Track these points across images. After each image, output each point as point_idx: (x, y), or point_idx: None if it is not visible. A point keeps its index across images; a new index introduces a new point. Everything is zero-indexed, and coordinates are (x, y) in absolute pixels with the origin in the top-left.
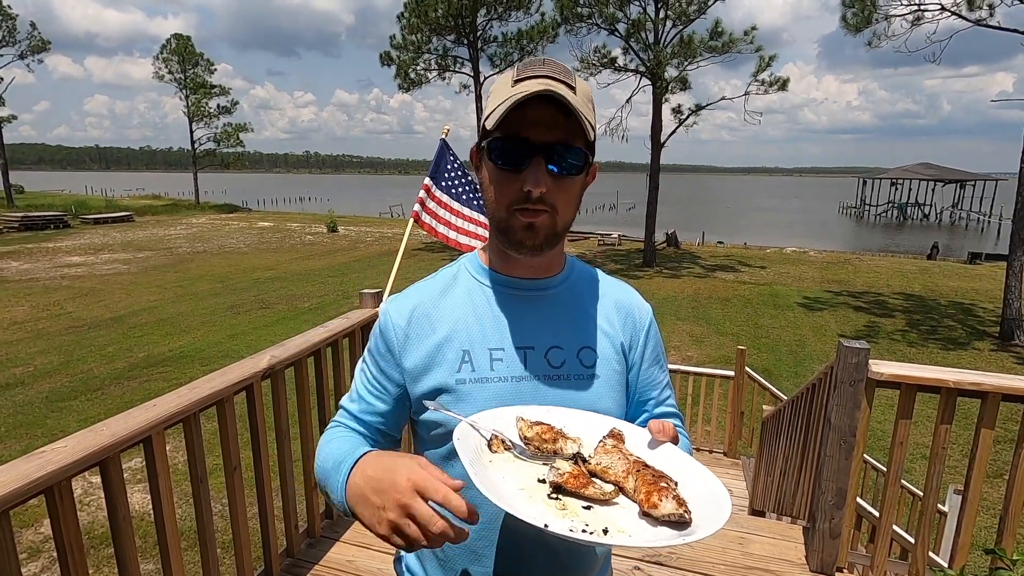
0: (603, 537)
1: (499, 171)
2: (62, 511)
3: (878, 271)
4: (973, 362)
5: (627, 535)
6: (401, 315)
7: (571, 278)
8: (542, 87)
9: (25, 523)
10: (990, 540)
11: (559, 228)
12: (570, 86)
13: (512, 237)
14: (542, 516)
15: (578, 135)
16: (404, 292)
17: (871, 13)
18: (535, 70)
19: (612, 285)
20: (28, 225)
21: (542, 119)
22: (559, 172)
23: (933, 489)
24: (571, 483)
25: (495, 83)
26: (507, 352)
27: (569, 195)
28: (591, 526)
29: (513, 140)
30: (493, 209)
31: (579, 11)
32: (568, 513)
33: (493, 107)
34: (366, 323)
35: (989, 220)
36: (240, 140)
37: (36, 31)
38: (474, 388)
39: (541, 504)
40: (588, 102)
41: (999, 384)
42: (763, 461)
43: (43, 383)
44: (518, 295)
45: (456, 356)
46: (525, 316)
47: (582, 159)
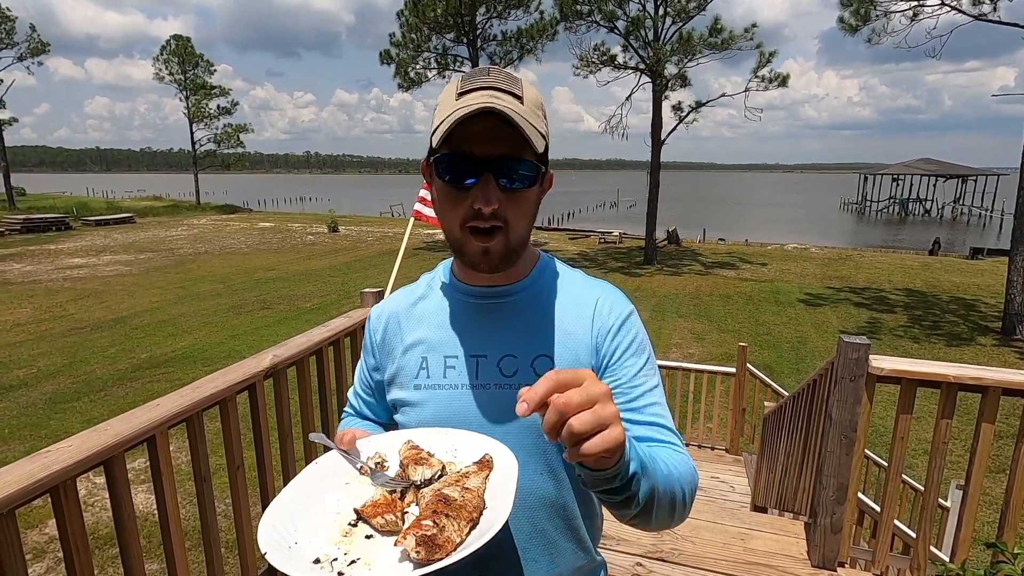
0: (337, 568)
1: (449, 188)
2: (67, 511)
3: (880, 267)
4: (975, 357)
5: (366, 569)
6: (379, 320)
7: (536, 284)
8: (484, 102)
9: (30, 524)
10: (992, 534)
11: (513, 244)
12: (516, 96)
13: (467, 259)
14: (309, 551)
15: (527, 146)
16: (386, 297)
17: (869, 11)
18: (479, 81)
19: (583, 287)
20: (30, 227)
21: (488, 133)
22: (510, 186)
23: (934, 484)
24: (368, 511)
25: (441, 94)
26: (460, 360)
27: (522, 208)
28: (342, 560)
29: (460, 156)
30: (446, 227)
31: (578, 8)
32: (343, 542)
33: (438, 122)
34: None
35: (991, 215)
36: (240, 141)
37: (35, 33)
38: (428, 395)
39: (336, 531)
40: (537, 110)
41: (999, 378)
42: (765, 457)
43: (46, 385)
44: (476, 303)
45: (416, 363)
46: (482, 324)
47: (533, 171)
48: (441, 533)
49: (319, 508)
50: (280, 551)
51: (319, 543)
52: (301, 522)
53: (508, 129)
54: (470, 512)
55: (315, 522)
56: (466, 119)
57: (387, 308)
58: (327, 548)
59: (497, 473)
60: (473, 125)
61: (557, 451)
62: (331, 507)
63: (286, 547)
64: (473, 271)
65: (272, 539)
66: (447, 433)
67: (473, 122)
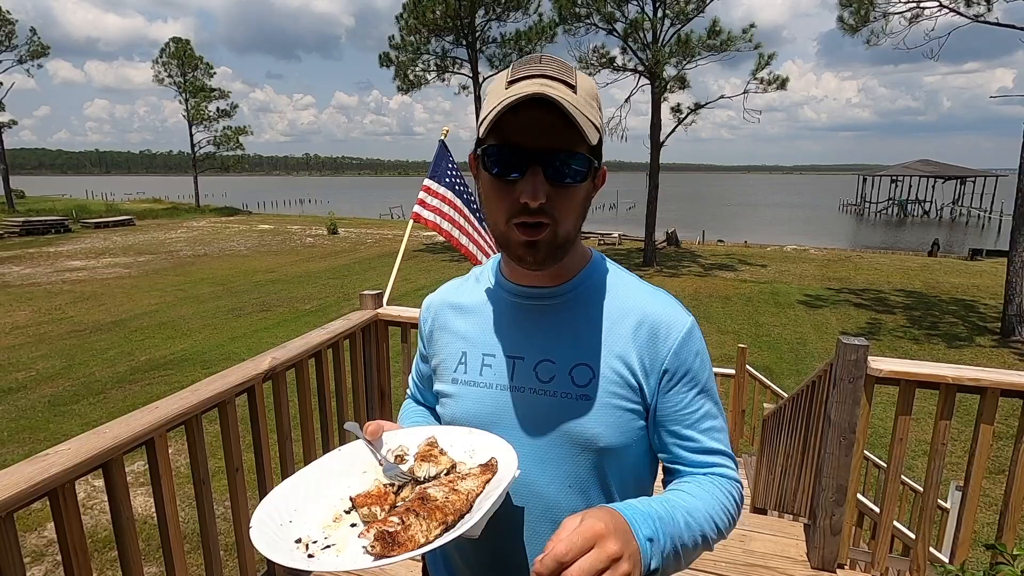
0: (310, 551)
1: (495, 181)
2: (66, 514)
3: (879, 268)
4: (975, 358)
5: (335, 554)
6: (429, 311)
7: (582, 287)
8: (535, 89)
9: (29, 527)
10: (992, 536)
11: (561, 240)
12: (570, 84)
13: (512, 253)
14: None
15: (580, 138)
16: (440, 288)
17: (868, 12)
18: (530, 69)
19: (636, 294)
20: (29, 230)
21: (537, 124)
22: (559, 181)
23: (933, 485)
24: (359, 501)
25: (491, 83)
26: (497, 359)
27: (571, 204)
28: (320, 543)
29: (508, 148)
30: (492, 221)
31: (577, 11)
32: (331, 527)
33: (487, 111)
34: (366, 324)
35: (990, 216)
36: (240, 143)
37: (36, 36)
38: (463, 390)
39: (329, 516)
40: (592, 100)
41: (998, 379)
42: (764, 459)
43: (45, 387)
44: (520, 303)
45: (456, 357)
46: (523, 325)
47: (585, 165)
48: (405, 531)
49: (329, 492)
50: (265, 529)
51: (309, 525)
52: (304, 504)
53: (559, 119)
54: (445, 514)
55: (319, 505)
56: (516, 108)
57: (436, 300)
58: (313, 531)
59: (494, 480)
60: (522, 115)
61: (589, 466)
62: (339, 493)
63: (277, 525)
64: (519, 267)
65: (264, 516)
66: (471, 433)
67: (522, 111)
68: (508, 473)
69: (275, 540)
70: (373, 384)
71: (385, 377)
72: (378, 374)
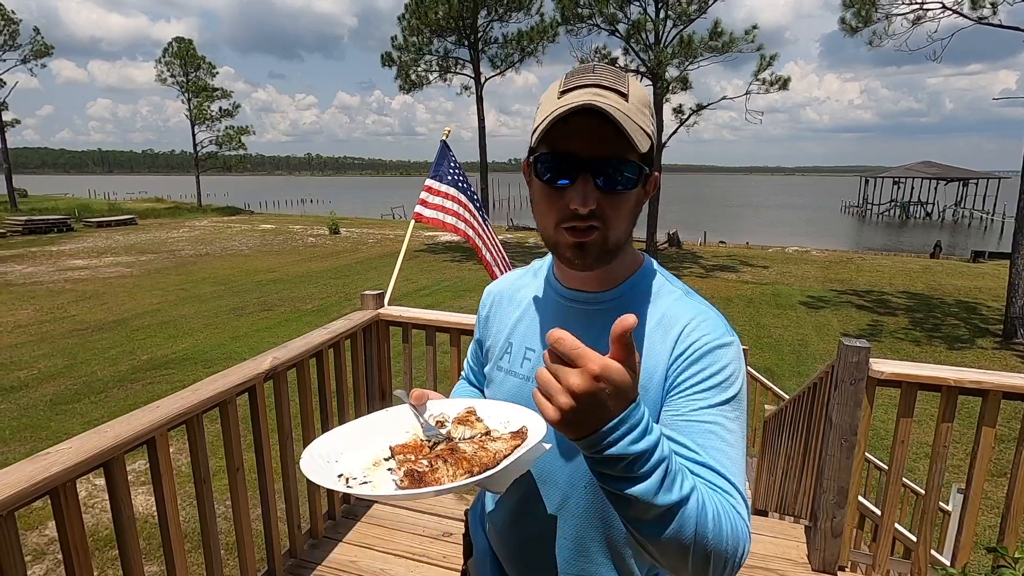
0: (349, 484)
1: (546, 187)
2: (67, 512)
3: (881, 270)
4: (977, 360)
5: (370, 487)
6: (488, 297)
7: (628, 294)
8: (586, 99)
9: (30, 525)
10: (994, 538)
11: (610, 245)
12: (621, 93)
13: (561, 255)
14: (339, 469)
15: (629, 146)
16: (501, 277)
17: (871, 12)
18: (582, 79)
19: (678, 305)
20: (32, 229)
21: (588, 132)
22: (609, 188)
23: (935, 487)
24: (397, 449)
25: (544, 93)
26: (537, 353)
27: (621, 211)
28: (359, 479)
29: (559, 156)
30: (542, 226)
31: (579, 12)
32: (370, 469)
33: (539, 120)
34: (367, 324)
35: (992, 218)
36: (242, 143)
37: (39, 36)
38: (504, 377)
39: (370, 461)
40: (644, 107)
41: (999, 382)
42: (765, 461)
43: (47, 386)
44: (566, 305)
45: (504, 345)
46: (563, 325)
47: (635, 172)
48: (432, 473)
49: (373, 444)
50: (313, 463)
51: (352, 466)
52: (350, 450)
53: (609, 128)
54: (471, 464)
55: (364, 451)
56: (567, 117)
57: (495, 288)
58: (355, 470)
59: (523, 445)
60: (572, 124)
61: None
62: (382, 444)
63: (324, 462)
64: (567, 267)
65: (315, 452)
66: (507, 406)
67: (573, 120)
68: (535, 437)
69: (320, 471)
70: (374, 384)
71: (386, 377)
72: (379, 374)
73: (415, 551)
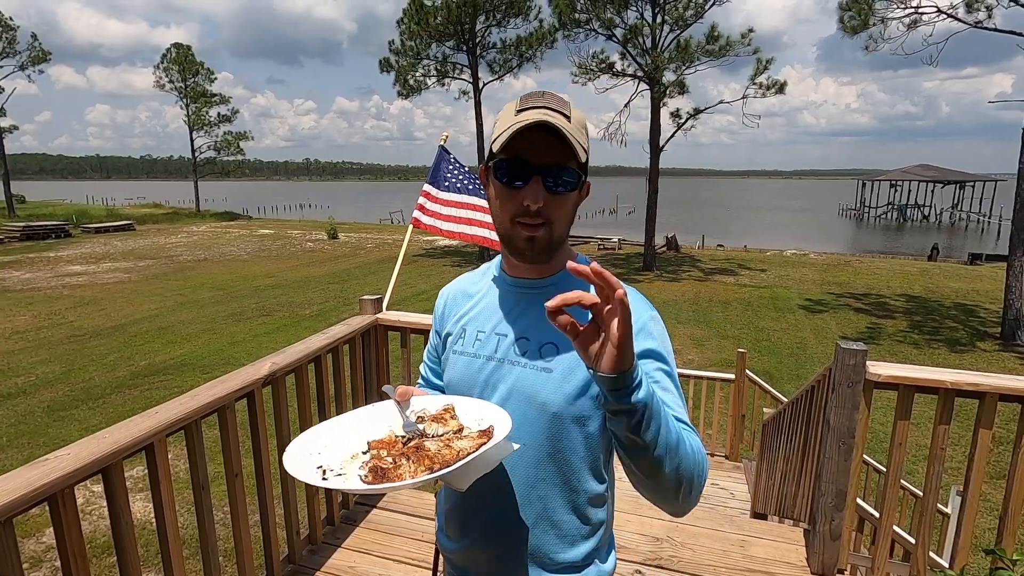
0: (326, 476)
1: (503, 188)
2: (65, 519)
3: (879, 273)
4: (975, 363)
5: (342, 480)
6: (443, 296)
7: (565, 280)
8: (540, 117)
9: (27, 533)
10: (993, 540)
11: (555, 239)
12: (565, 115)
13: (514, 247)
14: (320, 461)
15: (571, 157)
16: (454, 279)
17: (868, 16)
18: (535, 102)
19: None
20: (30, 235)
21: (540, 144)
22: (555, 189)
23: (933, 490)
24: (373, 445)
25: (501, 112)
26: (487, 335)
27: (564, 210)
28: (335, 471)
29: (516, 162)
30: (498, 221)
31: (577, 17)
32: (348, 462)
33: (499, 133)
34: (366, 329)
35: (989, 221)
36: (240, 148)
37: (37, 42)
38: (458, 358)
39: (347, 454)
40: (582, 128)
41: (996, 384)
42: (764, 464)
43: (45, 392)
44: (514, 291)
45: (459, 331)
46: (510, 309)
47: (575, 178)
48: (395, 470)
49: (354, 437)
50: (297, 457)
51: (332, 459)
52: (335, 444)
53: (556, 141)
54: (433, 462)
55: (343, 445)
56: (523, 131)
57: (450, 288)
58: (333, 463)
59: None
60: (528, 136)
61: (546, 429)
62: (362, 437)
63: (307, 454)
64: (518, 260)
65: (299, 447)
66: (484, 405)
67: (528, 134)
68: (499, 436)
69: (301, 464)
70: (373, 388)
71: (385, 381)
72: (378, 379)
73: (414, 556)
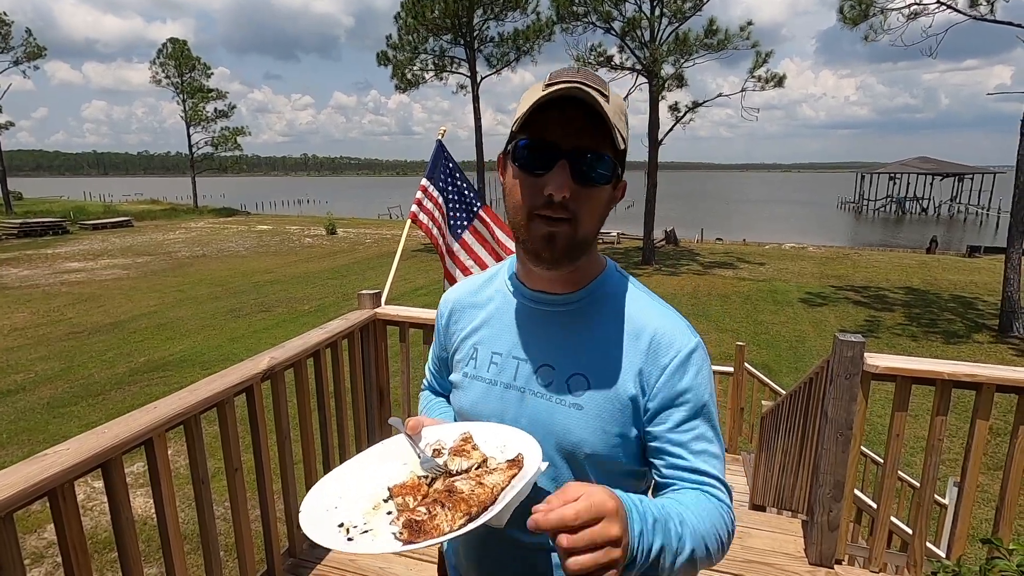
0: (350, 535)
1: (522, 174)
2: (66, 514)
3: (877, 265)
4: (973, 354)
5: (370, 539)
6: (446, 306)
7: (591, 297)
8: (571, 88)
9: (28, 528)
10: (989, 531)
11: (579, 240)
12: (603, 94)
13: (530, 247)
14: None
15: (607, 143)
16: (457, 284)
17: (868, 7)
18: (568, 76)
19: (645, 310)
20: (27, 232)
21: (570, 123)
22: (584, 179)
23: (930, 480)
24: (395, 491)
25: (527, 91)
26: (504, 358)
27: (593, 205)
28: (360, 528)
29: (539, 143)
30: (513, 214)
31: (575, 10)
32: (371, 514)
33: (522, 110)
34: (364, 324)
35: (987, 213)
36: (238, 143)
37: (31, 37)
38: (470, 383)
39: (368, 504)
40: (621, 114)
41: (993, 375)
42: (763, 456)
43: (44, 389)
44: (531, 307)
45: (469, 351)
46: (529, 329)
47: (610, 169)
48: (431, 520)
49: (372, 482)
50: (313, 515)
51: (353, 512)
52: (349, 492)
53: (590, 121)
54: (470, 506)
55: (361, 493)
56: (550, 107)
57: (453, 296)
58: (355, 517)
59: (520, 474)
60: (556, 114)
61: (576, 472)
62: (380, 482)
63: (324, 510)
64: (535, 265)
65: (314, 502)
66: (503, 430)
67: (556, 111)
68: (532, 467)
69: (320, 523)
70: (372, 383)
71: (384, 376)
72: (376, 373)
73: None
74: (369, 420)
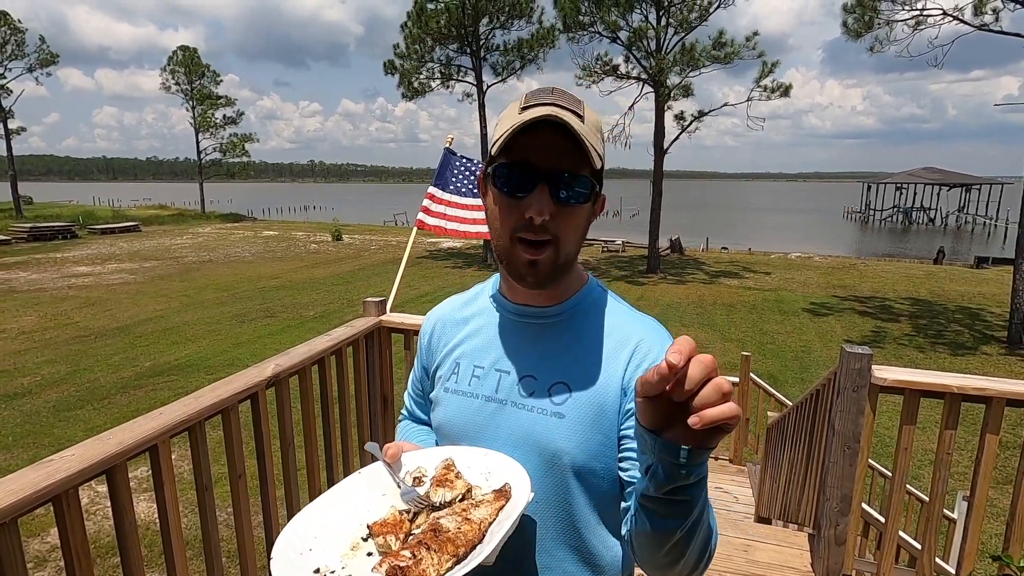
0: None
1: (503, 197)
2: (69, 520)
3: (884, 276)
4: (981, 367)
5: None
6: (429, 324)
7: (574, 309)
8: (548, 111)
9: (32, 532)
10: (999, 547)
11: (561, 260)
12: (578, 115)
13: (514, 270)
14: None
15: (585, 163)
16: (441, 303)
17: (872, 19)
18: (542, 98)
19: (626, 321)
20: (36, 235)
21: (547, 145)
22: (564, 199)
23: (939, 495)
24: (375, 529)
25: (503, 111)
26: (486, 371)
27: (573, 224)
28: (338, 573)
29: (518, 166)
30: (496, 237)
31: (581, 19)
32: (348, 555)
33: (500, 133)
34: (369, 331)
35: (995, 224)
36: (245, 150)
37: (44, 44)
38: (451, 398)
39: (347, 544)
40: (596, 131)
41: (1003, 389)
42: (768, 468)
43: (50, 392)
44: (514, 320)
45: (451, 366)
46: (512, 341)
47: (588, 187)
48: (416, 566)
49: (348, 518)
50: (284, 558)
51: (330, 554)
52: (324, 531)
53: (567, 143)
54: (457, 546)
55: (338, 532)
56: (528, 130)
57: (437, 313)
58: (332, 560)
59: (508, 506)
60: (534, 136)
61: (559, 482)
62: (358, 518)
63: (297, 553)
64: (518, 285)
65: (285, 544)
66: (486, 455)
67: (534, 133)
68: (522, 499)
69: (293, 568)
70: (376, 391)
71: (388, 384)
72: (381, 381)
73: None
74: (373, 427)
